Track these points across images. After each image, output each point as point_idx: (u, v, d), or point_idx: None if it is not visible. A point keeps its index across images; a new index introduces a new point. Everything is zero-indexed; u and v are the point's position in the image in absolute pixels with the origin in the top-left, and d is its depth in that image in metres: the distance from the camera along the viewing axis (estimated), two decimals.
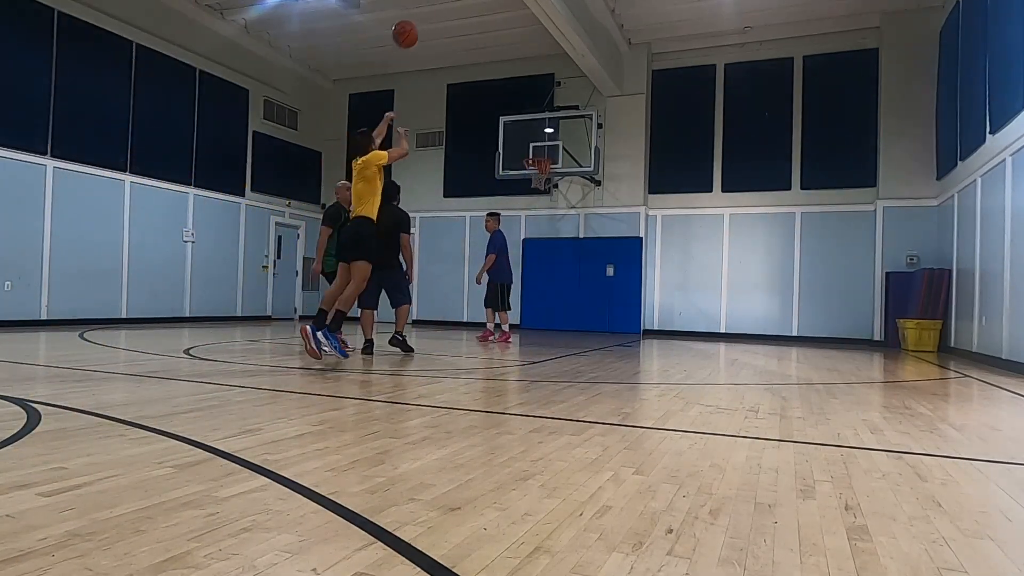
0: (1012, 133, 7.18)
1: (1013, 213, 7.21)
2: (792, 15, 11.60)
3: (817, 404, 4.24)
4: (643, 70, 12.95)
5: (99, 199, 10.66)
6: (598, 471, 2.40)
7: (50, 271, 9.94)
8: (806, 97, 12.19)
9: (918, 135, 11.20)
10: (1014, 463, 2.74)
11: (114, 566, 1.44)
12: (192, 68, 12.30)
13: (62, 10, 10.03)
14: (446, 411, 3.57)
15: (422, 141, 15.00)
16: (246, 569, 1.45)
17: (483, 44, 13.39)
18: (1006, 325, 7.29)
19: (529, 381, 5.09)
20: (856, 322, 11.71)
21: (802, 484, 2.30)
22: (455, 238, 14.54)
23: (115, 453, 2.43)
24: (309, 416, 3.30)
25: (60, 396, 3.66)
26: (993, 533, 1.85)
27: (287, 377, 4.92)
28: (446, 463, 2.45)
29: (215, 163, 12.84)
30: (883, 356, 8.87)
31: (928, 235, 11.10)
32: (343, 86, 15.79)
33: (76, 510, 1.80)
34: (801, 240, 12.13)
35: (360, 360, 6.25)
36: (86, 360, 5.55)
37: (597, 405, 3.96)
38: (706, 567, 1.54)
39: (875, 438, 3.16)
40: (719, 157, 12.71)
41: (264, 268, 14.15)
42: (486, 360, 6.72)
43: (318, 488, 2.07)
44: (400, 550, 1.58)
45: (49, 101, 9.88)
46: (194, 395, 3.86)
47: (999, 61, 7.61)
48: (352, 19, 12.33)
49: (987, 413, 4.11)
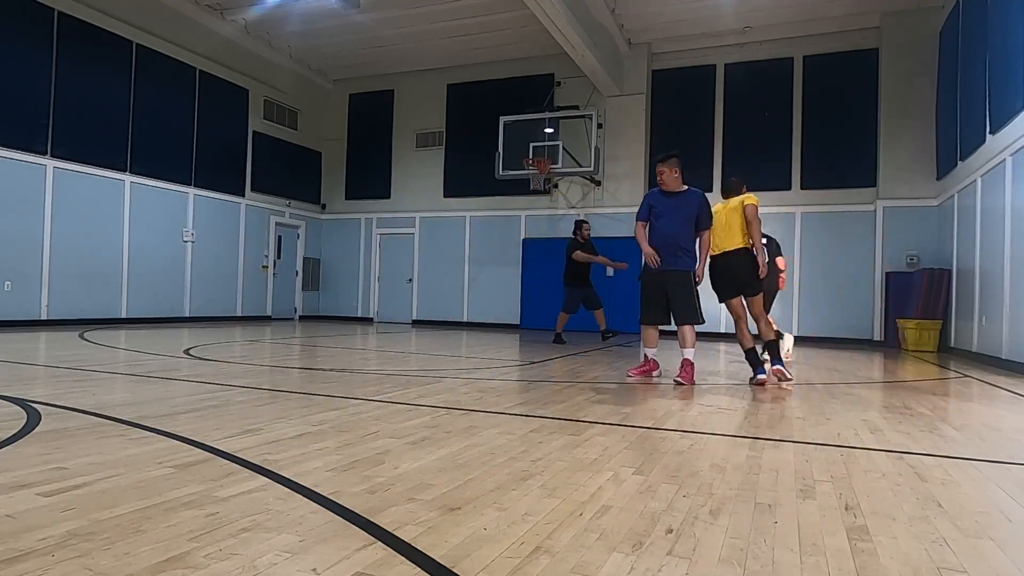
0: (1012, 133, 7.17)
1: (1013, 213, 7.21)
2: (792, 15, 11.60)
3: (817, 404, 4.24)
4: (643, 70, 12.94)
5: (99, 199, 10.66)
6: (598, 471, 2.40)
7: (50, 271, 9.93)
8: (806, 97, 12.19)
9: (918, 135, 11.20)
10: (1014, 463, 2.74)
11: (114, 566, 1.44)
12: (192, 68, 12.30)
13: (62, 10, 10.02)
14: (446, 411, 3.57)
15: (422, 141, 15.00)
16: (246, 569, 1.45)
17: (483, 44, 13.39)
18: (1006, 325, 7.28)
19: (529, 381, 5.09)
20: (856, 322, 11.71)
21: (802, 484, 2.30)
22: (455, 238, 14.54)
23: (115, 453, 2.43)
24: (309, 416, 3.30)
25: (60, 396, 3.66)
26: (993, 533, 1.84)
27: (287, 377, 4.92)
28: (446, 463, 2.45)
29: (215, 163, 12.84)
30: (883, 356, 8.86)
31: (928, 235, 11.10)
32: (343, 86, 15.79)
33: (76, 510, 1.80)
34: (801, 240, 12.12)
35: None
36: (86, 360, 5.55)
37: (597, 405, 3.96)
38: (706, 567, 1.54)
39: (875, 438, 3.16)
40: (719, 157, 12.71)
41: (264, 268, 14.14)
42: (486, 360, 6.71)
43: (318, 488, 2.07)
44: (400, 550, 1.58)
45: (49, 101, 9.87)
46: (194, 395, 3.86)
47: (999, 61, 7.61)
48: (352, 19, 12.32)
49: (987, 413, 4.11)
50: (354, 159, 15.69)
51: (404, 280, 15.06)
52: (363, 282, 15.49)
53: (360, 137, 15.64)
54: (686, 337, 5.31)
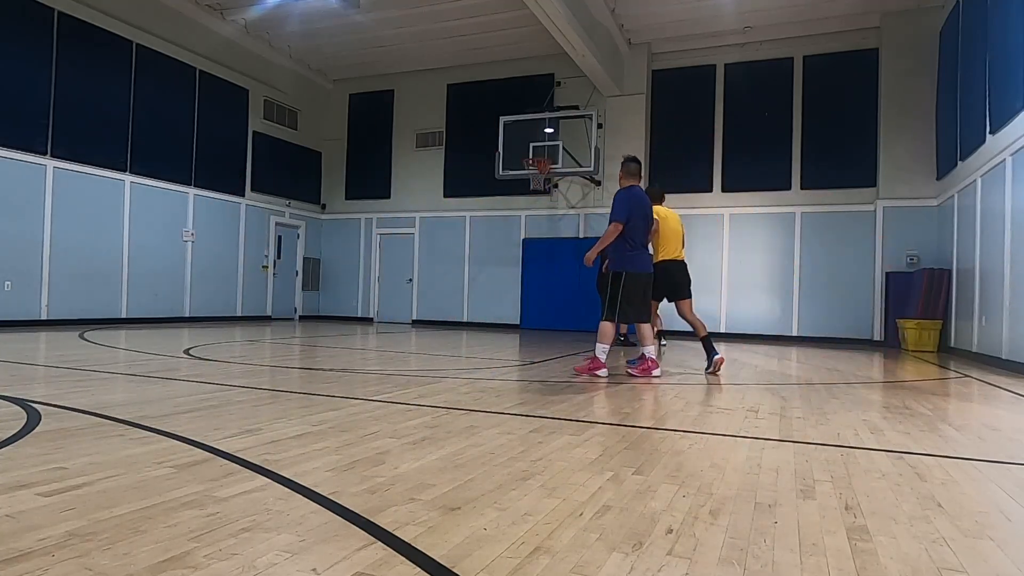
0: (1012, 133, 7.17)
1: (1013, 213, 7.21)
2: (792, 15, 11.60)
3: (817, 404, 4.24)
4: (643, 70, 12.94)
5: (99, 199, 10.66)
6: (598, 471, 2.40)
7: (50, 271, 9.94)
8: (806, 97, 12.19)
9: (918, 135, 11.20)
10: (1014, 463, 2.74)
11: (114, 566, 1.44)
12: (192, 68, 12.30)
13: (62, 10, 10.02)
14: (446, 411, 3.57)
15: (422, 141, 15.01)
16: (246, 569, 1.45)
17: (483, 44, 13.39)
18: (1006, 325, 7.28)
19: (529, 381, 5.09)
20: (856, 322, 11.71)
21: (802, 484, 2.30)
22: (455, 238, 14.54)
23: (115, 453, 2.43)
24: (309, 416, 3.30)
25: (60, 396, 3.66)
26: (993, 533, 1.84)
27: (287, 377, 4.92)
28: (446, 463, 2.45)
29: (215, 163, 12.84)
30: (883, 356, 8.86)
31: (928, 235, 11.10)
32: (343, 86, 15.79)
33: (76, 510, 1.80)
34: (801, 240, 12.12)
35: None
36: (86, 360, 5.55)
37: (597, 405, 3.96)
38: (706, 567, 1.54)
39: (875, 438, 3.16)
40: (719, 157, 12.71)
41: (264, 268, 14.14)
42: (486, 360, 6.71)
43: (318, 488, 2.07)
44: (400, 550, 1.58)
45: (49, 101, 9.87)
46: (194, 395, 3.86)
47: (999, 61, 7.61)
48: (352, 19, 12.32)
49: (987, 413, 4.11)
50: (354, 159, 15.69)
51: (404, 280, 15.06)
52: (363, 282, 15.50)
53: (360, 137, 15.64)
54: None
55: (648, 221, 5.61)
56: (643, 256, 5.55)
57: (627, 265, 5.45)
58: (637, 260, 5.47)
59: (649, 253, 5.71)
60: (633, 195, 5.53)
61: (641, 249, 5.53)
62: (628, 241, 5.45)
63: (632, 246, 5.45)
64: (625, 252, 5.47)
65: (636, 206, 5.48)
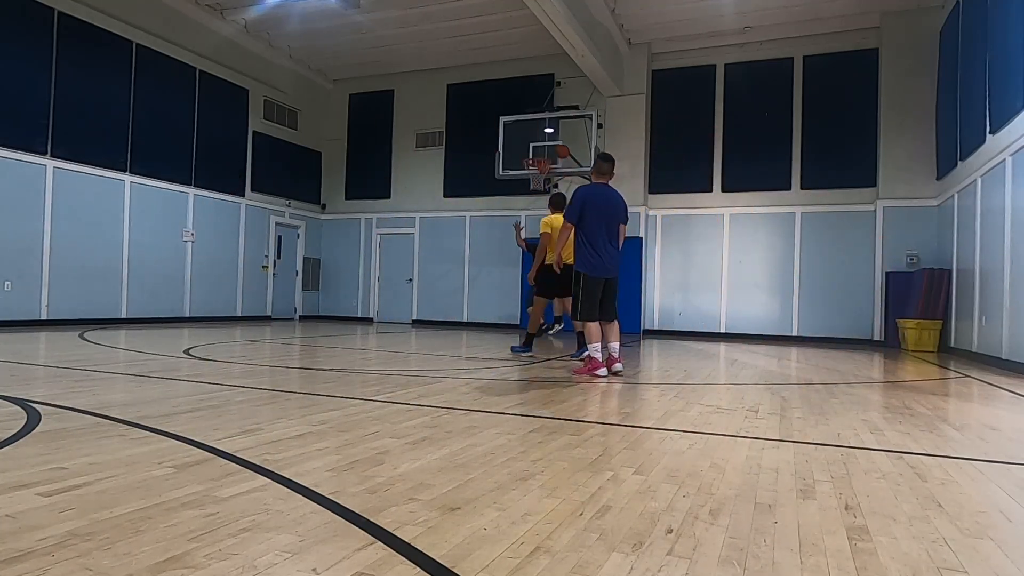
0: (1012, 133, 7.17)
1: (1013, 213, 7.21)
2: (792, 15, 11.60)
3: (817, 404, 4.24)
4: (643, 70, 12.94)
5: (99, 199, 10.66)
6: (598, 471, 2.40)
7: (50, 271, 9.94)
8: (806, 97, 12.19)
9: (918, 135, 11.20)
10: (1014, 463, 2.74)
11: (114, 566, 1.44)
12: (192, 68, 12.30)
13: (62, 10, 10.02)
14: (446, 411, 3.57)
15: (422, 141, 15.01)
16: (246, 569, 1.45)
17: (483, 44, 13.39)
18: (1006, 325, 7.28)
19: (529, 381, 5.09)
20: (856, 322, 11.71)
21: (802, 484, 2.30)
22: (455, 238, 14.54)
23: (115, 453, 2.43)
24: (309, 416, 3.30)
25: (60, 396, 3.66)
26: (993, 533, 1.84)
27: (287, 377, 4.92)
28: (446, 463, 2.45)
29: (215, 163, 12.84)
30: (883, 356, 8.86)
31: (928, 235, 11.10)
32: (343, 86, 15.78)
33: (76, 510, 1.80)
34: (801, 240, 12.12)
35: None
36: (86, 360, 5.55)
37: (597, 405, 3.96)
38: (706, 567, 1.54)
39: (875, 438, 3.16)
40: (719, 157, 12.71)
41: (264, 268, 14.14)
42: (485, 360, 6.72)
43: (318, 488, 2.07)
44: (400, 550, 1.58)
45: (49, 101, 9.87)
46: (194, 395, 3.86)
47: (999, 61, 7.61)
48: (352, 19, 12.32)
49: (987, 413, 4.11)
50: (354, 159, 15.69)
51: (404, 280, 15.06)
52: (363, 282, 15.49)
53: (360, 137, 15.64)
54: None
55: (610, 219, 5.50)
56: (597, 258, 5.47)
57: (582, 266, 5.53)
58: (592, 261, 5.48)
59: (609, 252, 5.53)
60: (591, 193, 5.53)
61: (596, 249, 5.46)
62: (585, 241, 5.48)
63: (589, 245, 5.47)
64: (581, 251, 5.54)
65: (591, 205, 5.47)
